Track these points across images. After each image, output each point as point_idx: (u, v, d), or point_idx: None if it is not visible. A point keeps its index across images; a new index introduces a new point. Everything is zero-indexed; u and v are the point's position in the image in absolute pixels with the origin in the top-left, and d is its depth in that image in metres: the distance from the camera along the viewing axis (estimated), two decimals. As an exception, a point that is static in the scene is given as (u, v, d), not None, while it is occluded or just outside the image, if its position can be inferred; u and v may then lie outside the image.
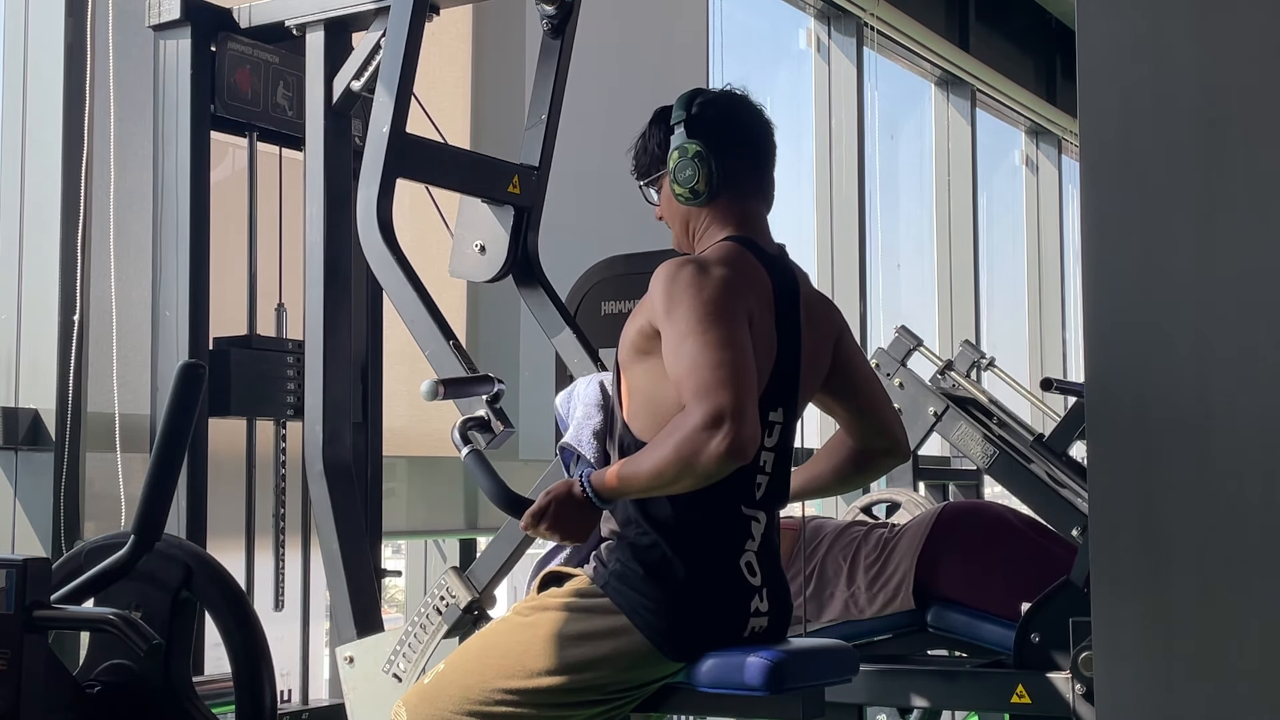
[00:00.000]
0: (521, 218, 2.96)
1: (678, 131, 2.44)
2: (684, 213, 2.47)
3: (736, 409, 2.13)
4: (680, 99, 2.47)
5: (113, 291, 3.25)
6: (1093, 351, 1.48)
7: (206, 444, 3.06)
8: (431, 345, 2.59)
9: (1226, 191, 1.43)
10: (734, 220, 2.44)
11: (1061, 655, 2.99)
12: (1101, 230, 1.48)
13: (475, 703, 2.30)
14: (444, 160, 2.91)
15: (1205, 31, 1.45)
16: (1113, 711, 1.45)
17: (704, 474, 2.15)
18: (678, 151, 2.42)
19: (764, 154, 2.50)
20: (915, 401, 4.22)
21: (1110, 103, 1.48)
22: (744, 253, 2.38)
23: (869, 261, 6.59)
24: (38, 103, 3.27)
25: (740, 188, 2.45)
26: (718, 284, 2.26)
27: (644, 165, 2.54)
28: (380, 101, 2.71)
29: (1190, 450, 1.42)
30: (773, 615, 2.39)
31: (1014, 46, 8.31)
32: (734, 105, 2.49)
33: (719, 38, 5.58)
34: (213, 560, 2.50)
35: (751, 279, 2.35)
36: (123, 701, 2.40)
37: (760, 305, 2.34)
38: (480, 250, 2.96)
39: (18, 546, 3.12)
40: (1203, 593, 1.41)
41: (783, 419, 2.41)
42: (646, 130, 2.53)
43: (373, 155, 2.70)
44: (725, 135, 2.43)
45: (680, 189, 2.43)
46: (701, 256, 2.36)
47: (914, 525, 3.43)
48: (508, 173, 2.95)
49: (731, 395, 2.14)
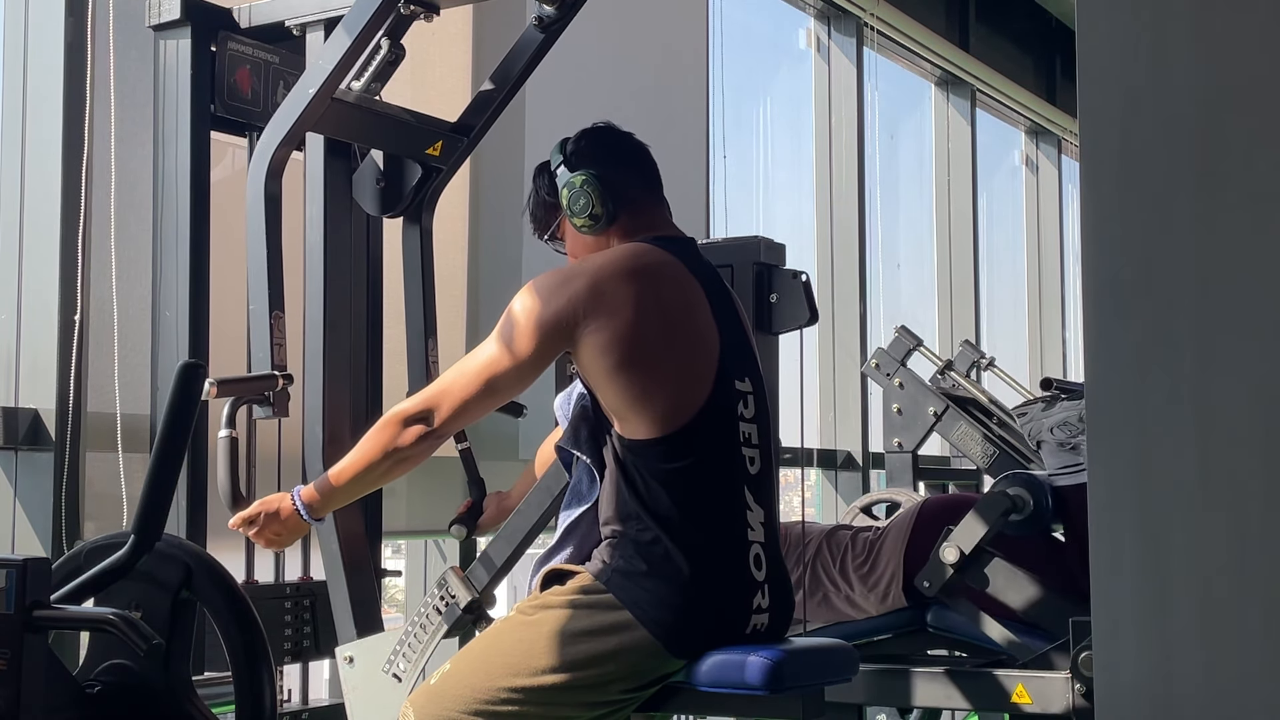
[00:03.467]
0: (429, 175, 3.04)
1: (560, 172, 2.52)
2: (592, 244, 2.53)
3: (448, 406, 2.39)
4: (554, 148, 2.57)
5: (113, 291, 3.25)
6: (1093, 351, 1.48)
7: (206, 444, 3.06)
8: (257, 304, 2.77)
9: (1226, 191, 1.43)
10: (642, 227, 2.51)
11: (1061, 655, 2.99)
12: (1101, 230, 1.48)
13: (482, 702, 2.31)
14: (362, 117, 2.92)
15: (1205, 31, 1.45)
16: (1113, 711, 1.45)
17: (403, 458, 2.44)
18: (566, 187, 2.50)
19: (644, 164, 2.58)
20: (915, 401, 4.22)
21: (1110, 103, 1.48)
22: (650, 248, 2.44)
23: (869, 261, 6.59)
24: (38, 103, 3.27)
25: (634, 200, 2.52)
26: (546, 304, 2.37)
27: (540, 218, 2.63)
28: (317, 65, 2.76)
29: (1190, 450, 1.42)
30: (774, 613, 2.39)
31: (1014, 46, 8.31)
32: (605, 134, 2.58)
33: (719, 38, 5.58)
34: (213, 560, 2.50)
35: (661, 268, 2.41)
36: (123, 701, 2.40)
37: (684, 292, 2.41)
38: (381, 185, 3.04)
39: (18, 546, 3.12)
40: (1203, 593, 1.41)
41: (752, 388, 2.45)
42: (532, 188, 2.63)
43: (289, 107, 2.77)
44: (605, 159, 2.52)
45: (579, 219, 2.50)
46: (579, 266, 2.43)
47: (896, 524, 3.44)
48: (431, 136, 3.01)
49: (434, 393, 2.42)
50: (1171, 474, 1.43)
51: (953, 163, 7.83)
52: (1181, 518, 1.43)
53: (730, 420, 2.38)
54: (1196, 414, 1.43)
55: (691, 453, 2.34)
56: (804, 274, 3.40)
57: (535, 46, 2.99)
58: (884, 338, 4.99)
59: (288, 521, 2.54)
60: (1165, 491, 1.43)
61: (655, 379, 2.34)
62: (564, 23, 2.96)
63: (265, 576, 3.16)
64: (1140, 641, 1.44)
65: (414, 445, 2.42)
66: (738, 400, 2.40)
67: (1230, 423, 1.42)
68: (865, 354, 6.22)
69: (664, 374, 2.34)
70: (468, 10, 4.33)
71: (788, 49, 6.70)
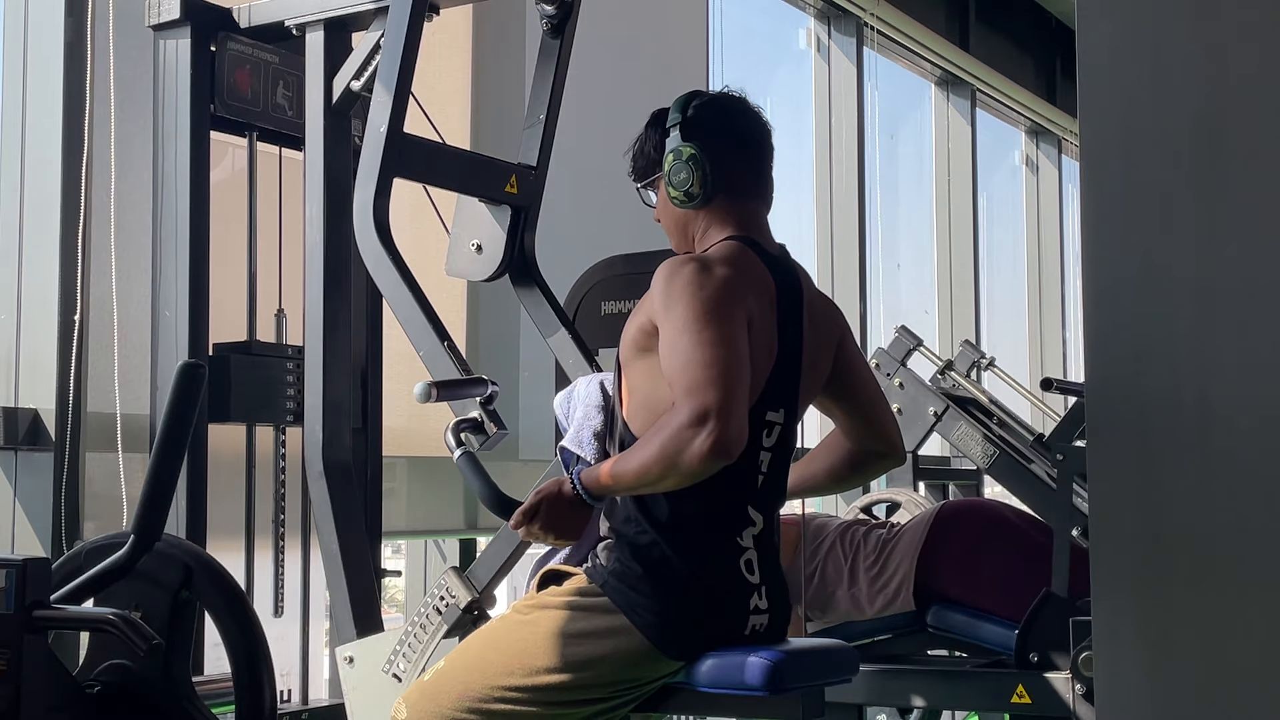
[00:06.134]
0: (518, 217, 2.97)
1: (673, 135, 2.44)
2: (680, 216, 2.48)
3: (722, 407, 2.13)
4: (676, 102, 2.48)
5: (113, 291, 3.25)
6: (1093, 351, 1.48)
7: (206, 445, 3.06)
8: (426, 346, 2.60)
9: (1226, 191, 1.43)
10: (733, 221, 2.44)
11: (1061, 655, 3.00)
12: (1101, 230, 1.48)
13: (475, 700, 2.31)
14: (442, 160, 2.91)
15: (1205, 31, 1.45)
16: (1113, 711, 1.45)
17: (688, 472, 2.16)
18: (672, 154, 2.43)
19: (761, 155, 2.49)
20: (915, 401, 4.22)
21: (1110, 103, 1.48)
22: (746, 251, 2.38)
23: (869, 261, 6.59)
24: (38, 103, 3.27)
25: (736, 189, 2.45)
26: (718, 283, 2.26)
27: (640, 168, 2.55)
28: (378, 101, 2.71)
29: (1190, 450, 1.42)
30: (772, 613, 2.39)
31: (1014, 46, 8.31)
32: (730, 107, 2.49)
33: (719, 38, 5.58)
34: (213, 560, 2.50)
35: (753, 279, 2.35)
36: (123, 701, 2.40)
37: (761, 306, 2.35)
38: (477, 249, 2.97)
39: (18, 546, 3.12)
40: (1203, 593, 1.41)
41: (782, 420, 2.42)
42: (643, 133, 2.54)
43: (370, 155, 2.70)
44: (720, 137, 2.44)
45: (675, 192, 2.43)
46: (703, 255, 2.36)
47: (912, 526, 3.43)
48: (505, 173, 2.95)
49: (719, 394, 2.14)
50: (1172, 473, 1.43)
51: (953, 163, 7.83)
52: (1182, 517, 1.43)
53: (750, 445, 2.30)
54: (1197, 414, 1.43)
55: None
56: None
57: (556, 54, 2.98)
58: (884, 338, 4.99)
59: (574, 502, 2.30)
60: (1165, 491, 1.44)
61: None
62: (570, 21, 2.95)
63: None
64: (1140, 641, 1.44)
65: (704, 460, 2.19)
66: (763, 430, 2.37)
67: (1230, 423, 1.42)
68: (865, 354, 6.22)
69: None
70: (468, 10, 4.33)
71: (788, 49, 6.70)
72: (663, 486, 2.21)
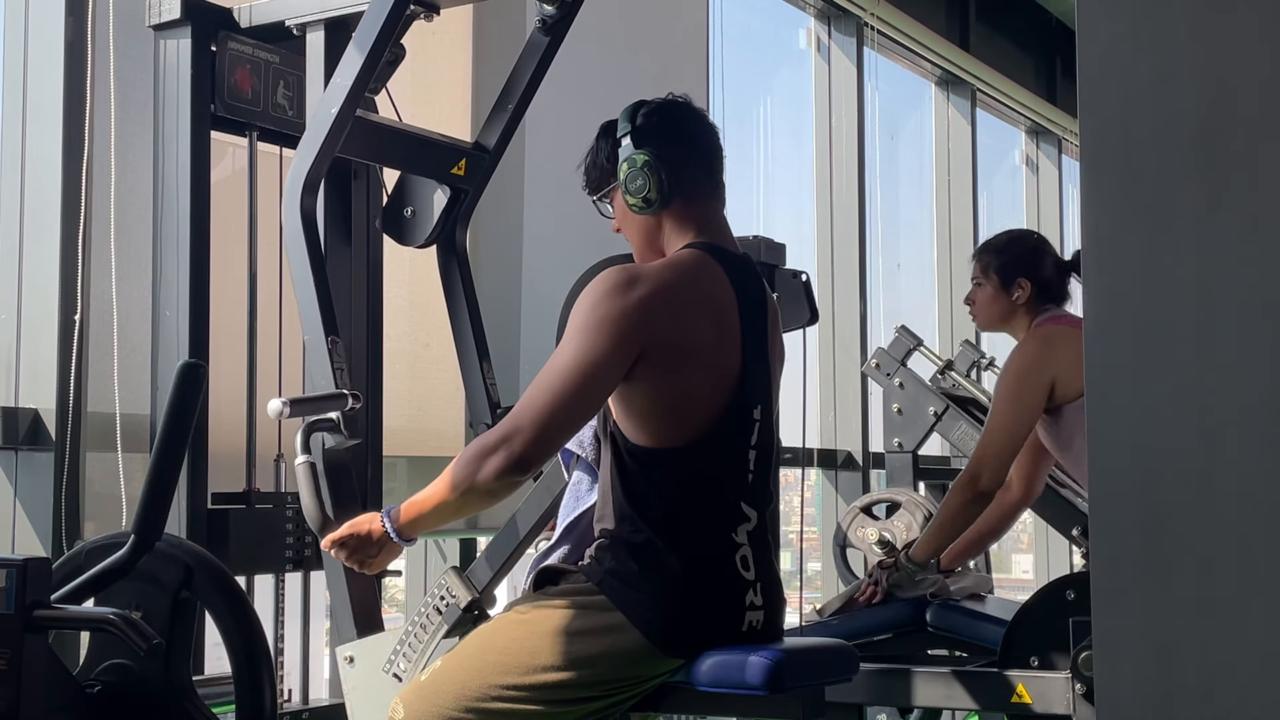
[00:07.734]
0: (458, 197, 3.01)
1: (625, 143, 2.47)
2: (640, 224, 2.50)
3: (531, 425, 2.24)
4: (624, 111, 2.51)
5: (113, 291, 3.25)
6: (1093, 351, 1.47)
7: (207, 445, 3.05)
8: (311, 333, 2.69)
9: (1226, 191, 1.43)
10: (694, 225, 2.47)
11: (1061, 655, 3.00)
12: (1101, 230, 1.48)
13: (472, 699, 2.31)
14: (386, 138, 2.91)
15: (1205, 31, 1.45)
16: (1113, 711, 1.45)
17: (484, 491, 2.29)
18: (627, 163, 2.46)
19: (712, 156, 2.53)
20: (915, 401, 4.22)
21: (1110, 103, 1.48)
22: (704, 260, 2.42)
23: (869, 261, 6.59)
24: (38, 102, 3.27)
25: (692, 192, 2.48)
26: (625, 304, 2.29)
27: (594, 180, 2.58)
28: (336, 84, 2.73)
29: (1190, 450, 1.42)
30: (768, 609, 2.40)
31: (1014, 46, 8.31)
32: (678, 112, 2.53)
33: (719, 38, 5.58)
34: (213, 560, 2.50)
35: (702, 291, 2.38)
36: (123, 701, 2.40)
37: (715, 309, 2.38)
38: (410, 215, 3.01)
39: (18, 546, 3.12)
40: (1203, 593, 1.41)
41: (761, 415, 2.44)
42: (594, 145, 2.57)
43: (314, 129, 2.74)
44: (672, 142, 2.47)
45: (633, 199, 2.46)
46: (646, 267, 2.40)
47: None
48: (456, 155, 2.99)
49: (534, 415, 2.25)
50: (1172, 473, 1.43)
51: (953, 163, 7.83)
52: (1182, 517, 1.43)
53: (738, 444, 2.40)
54: (1197, 414, 1.43)
55: (693, 467, 2.35)
56: (804, 274, 3.41)
57: (542, 50, 2.98)
58: (884, 338, 4.99)
59: (380, 543, 2.47)
60: (1165, 491, 1.43)
61: (673, 396, 2.34)
62: (567, 22, 2.96)
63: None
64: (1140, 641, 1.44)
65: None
66: (749, 429, 2.41)
67: (1230, 422, 1.42)
68: (865, 354, 6.22)
69: (683, 394, 2.35)
70: (467, 10, 4.33)
71: (788, 49, 6.70)
72: (467, 510, 2.33)
